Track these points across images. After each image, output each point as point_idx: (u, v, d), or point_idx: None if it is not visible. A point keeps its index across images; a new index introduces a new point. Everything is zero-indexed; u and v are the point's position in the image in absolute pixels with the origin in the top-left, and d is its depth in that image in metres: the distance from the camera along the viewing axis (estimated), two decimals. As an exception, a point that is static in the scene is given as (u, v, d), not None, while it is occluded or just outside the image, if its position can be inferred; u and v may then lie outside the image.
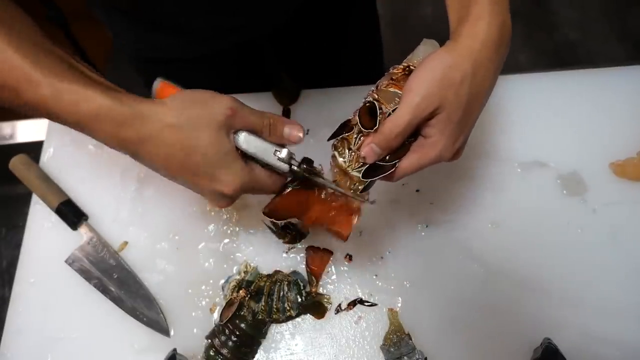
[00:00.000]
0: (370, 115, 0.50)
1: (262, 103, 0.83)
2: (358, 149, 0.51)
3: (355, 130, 0.51)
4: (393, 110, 0.49)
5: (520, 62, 2.09)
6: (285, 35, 0.89)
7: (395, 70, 0.55)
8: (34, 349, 0.69)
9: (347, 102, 0.79)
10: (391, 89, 0.52)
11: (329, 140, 0.54)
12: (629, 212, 0.73)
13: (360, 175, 0.52)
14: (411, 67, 0.53)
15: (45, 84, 0.44)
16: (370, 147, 0.50)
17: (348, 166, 0.52)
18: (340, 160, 0.53)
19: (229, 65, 0.88)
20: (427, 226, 0.74)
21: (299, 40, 0.94)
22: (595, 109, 0.81)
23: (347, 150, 0.52)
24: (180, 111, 0.47)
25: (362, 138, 0.51)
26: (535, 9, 2.20)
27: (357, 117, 0.51)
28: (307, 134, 0.80)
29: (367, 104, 0.51)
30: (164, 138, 0.46)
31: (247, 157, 0.52)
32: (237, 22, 0.76)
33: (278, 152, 0.52)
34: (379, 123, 0.49)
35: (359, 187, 0.53)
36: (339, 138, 0.53)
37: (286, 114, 0.82)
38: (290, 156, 0.53)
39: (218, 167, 0.48)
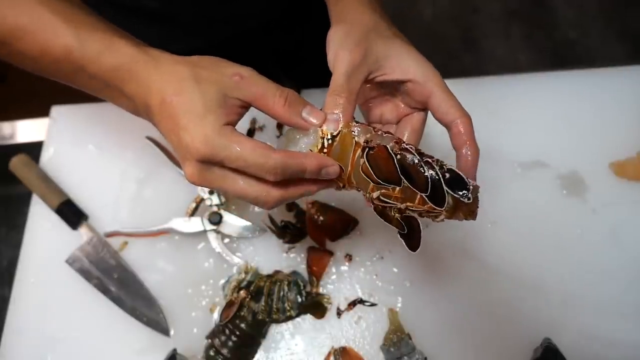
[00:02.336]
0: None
1: (262, 103, 0.83)
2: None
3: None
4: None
5: (520, 62, 2.09)
6: (281, 31, 0.89)
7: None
8: (34, 349, 0.69)
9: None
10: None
11: None
12: (629, 212, 0.73)
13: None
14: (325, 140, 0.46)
15: (70, 33, 0.44)
16: (329, 116, 0.45)
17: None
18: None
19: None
20: (427, 226, 0.74)
21: (297, 38, 0.94)
22: (595, 109, 0.81)
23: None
24: (191, 63, 0.44)
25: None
26: (535, 9, 2.20)
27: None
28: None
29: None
30: (167, 77, 0.43)
31: None
32: (228, 13, 0.75)
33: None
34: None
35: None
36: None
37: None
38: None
39: (193, 116, 0.41)
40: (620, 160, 0.76)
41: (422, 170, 0.43)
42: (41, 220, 0.76)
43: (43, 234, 0.76)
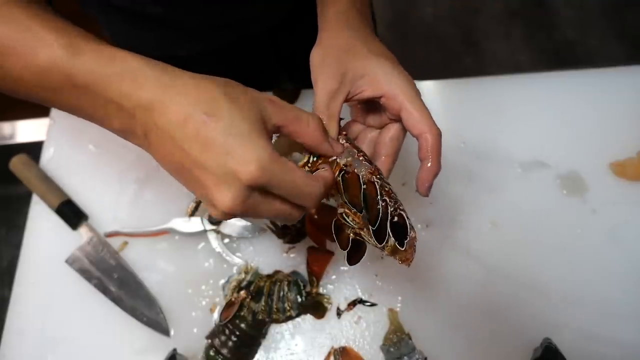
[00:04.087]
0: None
1: (262, 103, 0.83)
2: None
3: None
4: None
5: (520, 62, 2.09)
6: (283, 33, 0.89)
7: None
8: (34, 349, 0.69)
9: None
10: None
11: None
12: (629, 212, 0.73)
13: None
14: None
15: (61, 43, 0.40)
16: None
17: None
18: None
19: (227, 64, 0.88)
20: (427, 226, 0.74)
21: (297, 39, 0.94)
22: (595, 109, 0.81)
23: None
24: (217, 81, 0.41)
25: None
26: (535, 9, 2.20)
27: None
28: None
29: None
30: (191, 92, 0.39)
31: None
32: (231, 18, 0.76)
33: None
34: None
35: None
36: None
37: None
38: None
39: (240, 138, 0.37)
40: (620, 160, 0.76)
41: (378, 206, 0.45)
42: (41, 220, 0.76)
43: (43, 234, 0.76)
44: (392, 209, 0.46)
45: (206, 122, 0.37)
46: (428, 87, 0.83)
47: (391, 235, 0.45)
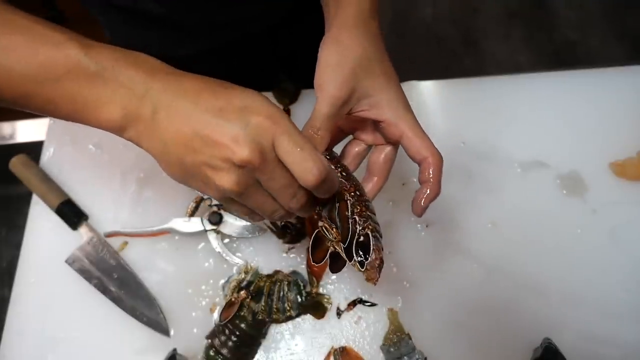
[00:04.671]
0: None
1: (262, 103, 0.83)
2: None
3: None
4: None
5: (520, 62, 2.09)
6: (283, 32, 0.90)
7: None
8: (34, 349, 0.69)
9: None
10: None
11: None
12: (629, 212, 0.73)
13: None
14: None
15: (68, 37, 0.41)
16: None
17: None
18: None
19: (228, 63, 0.88)
20: (427, 226, 0.74)
21: (297, 39, 0.94)
22: (595, 109, 0.81)
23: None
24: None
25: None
26: (535, 10, 2.20)
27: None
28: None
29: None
30: (202, 79, 0.42)
31: None
32: (232, 17, 0.76)
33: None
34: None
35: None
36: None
37: (286, 114, 0.82)
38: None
39: (254, 94, 0.41)
40: (620, 160, 0.76)
41: (347, 224, 0.46)
42: (41, 220, 0.76)
43: (43, 234, 0.76)
44: (360, 228, 0.46)
45: (221, 89, 0.40)
46: (428, 87, 0.83)
47: (353, 253, 0.46)
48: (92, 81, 0.40)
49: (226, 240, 0.74)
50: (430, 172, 0.49)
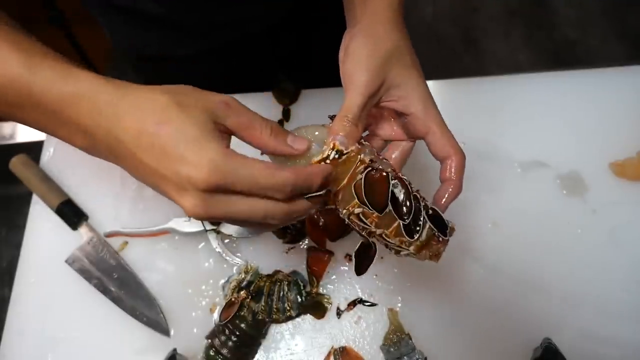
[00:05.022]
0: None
1: (262, 103, 0.83)
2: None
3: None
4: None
5: (520, 62, 2.09)
6: (283, 32, 0.89)
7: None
8: (34, 349, 0.69)
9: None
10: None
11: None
12: (629, 212, 0.73)
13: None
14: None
15: (18, 58, 0.40)
16: (334, 138, 0.45)
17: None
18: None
19: (227, 63, 0.88)
20: (427, 226, 0.74)
21: (297, 39, 0.94)
22: (595, 109, 0.81)
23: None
24: (169, 91, 0.40)
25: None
26: (535, 9, 2.20)
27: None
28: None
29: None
30: (143, 104, 0.39)
31: None
32: (232, 17, 0.76)
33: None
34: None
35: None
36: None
37: (286, 114, 0.82)
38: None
39: (191, 144, 0.38)
40: (620, 160, 0.76)
41: (407, 202, 0.45)
42: (41, 220, 0.76)
43: (43, 234, 0.76)
44: (422, 204, 0.46)
45: (157, 132, 0.38)
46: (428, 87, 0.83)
47: (431, 227, 0.46)
48: (44, 112, 0.41)
49: (226, 240, 0.74)
50: (453, 170, 0.48)
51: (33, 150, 0.80)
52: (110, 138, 0.39)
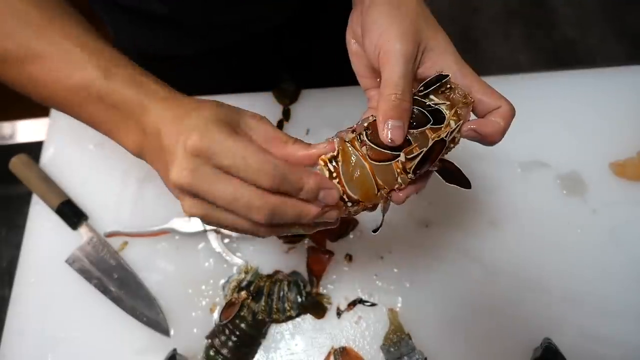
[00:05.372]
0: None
1: (262, 103, 0.83)
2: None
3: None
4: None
5: (519, 60, 2.09)
6: (287, 33, 0.89)
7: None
8: (34, 349, 0.69)
9: (347, 102, 0.80)
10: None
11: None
12: (629, 212, 0.73)
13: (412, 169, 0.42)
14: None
15: (95, 65, 0.43)
16: (387, 126, 0.40)
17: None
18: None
19: (231, 63, 0.88)
20: (427, 226, 0.74)
21: (301, 39, 0.94)
22: (595, 109, 0.81)
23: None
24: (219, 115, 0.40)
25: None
26: (534, 9, 2.20)
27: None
28: (307, 134, 0.80)
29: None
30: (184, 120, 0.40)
31: None
32: (237, 18, 0.76)
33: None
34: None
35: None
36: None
37: (286, 114, 0.82)
38: None
39: (193, 118, 0.39)
40: (620, 160, 0.76)
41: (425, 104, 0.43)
42: (41, 220, 0.76)
43: (43, 234, 0.75)
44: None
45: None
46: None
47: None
48: (111, 111, 0.44)
49: (226, 240, 0.74)
50: (502, 116, 0.44)
51: (33, 150, 0.80)
52: (156, 143, 0.41)
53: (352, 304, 0.70)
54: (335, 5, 0.87)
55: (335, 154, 0.42)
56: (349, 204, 0.43)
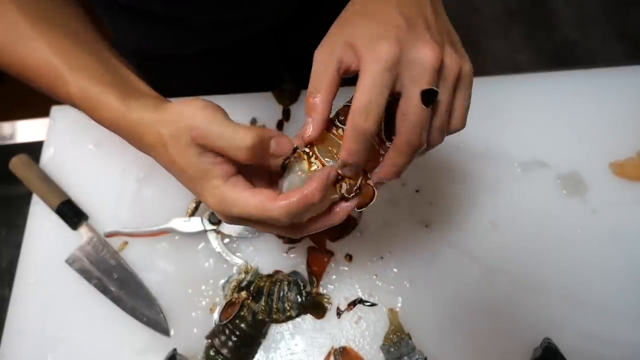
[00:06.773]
0: None
1: (262, 103, 0.83)
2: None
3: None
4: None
5: (520, 62, 2.09)
6: (287, 33, 0.89)
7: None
8: (34, 349, 0.69)
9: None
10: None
11: None
12: (629, 212, 0.73)
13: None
14: None
15: (73, 83, 0.47)
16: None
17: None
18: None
19: (232, 63, 0.88)
20: (427, 226, 0.74)
21: (301, 40, 0.94)
22: (595, 109, 0.81)
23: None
24: (168, 123, 0.43)
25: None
26: (535, 9, 2.20)
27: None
28: (307, 134, 0.80)
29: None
30: (159, 149, 0.45)
31: None
32: (237, 18, 0.76)
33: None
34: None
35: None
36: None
37: (286, 114, 0.82)
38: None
39: (200, 184, 0.43)
40: (620, 160, 0.76)
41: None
42: (41, 220, 0.76)
43: (43, 234, 0.76)
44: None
45: (172, 167, 0.46)
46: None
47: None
48: (128, 132, 0.47)
49: (226, 240, 0.74)
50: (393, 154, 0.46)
51: (33, 150, 0.80)
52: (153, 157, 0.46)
53: (352, 304, 0.70)
54: (335, 6, 0.87)
55: (307, 144, 0.47)
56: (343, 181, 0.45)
